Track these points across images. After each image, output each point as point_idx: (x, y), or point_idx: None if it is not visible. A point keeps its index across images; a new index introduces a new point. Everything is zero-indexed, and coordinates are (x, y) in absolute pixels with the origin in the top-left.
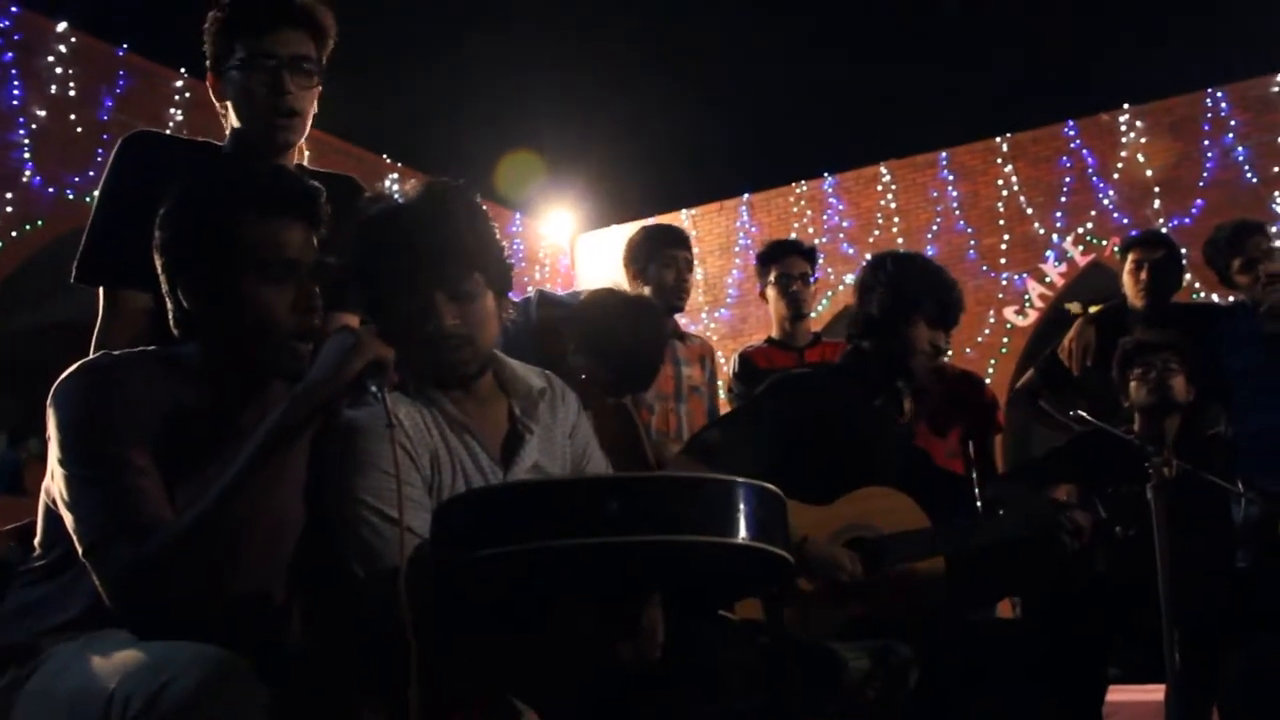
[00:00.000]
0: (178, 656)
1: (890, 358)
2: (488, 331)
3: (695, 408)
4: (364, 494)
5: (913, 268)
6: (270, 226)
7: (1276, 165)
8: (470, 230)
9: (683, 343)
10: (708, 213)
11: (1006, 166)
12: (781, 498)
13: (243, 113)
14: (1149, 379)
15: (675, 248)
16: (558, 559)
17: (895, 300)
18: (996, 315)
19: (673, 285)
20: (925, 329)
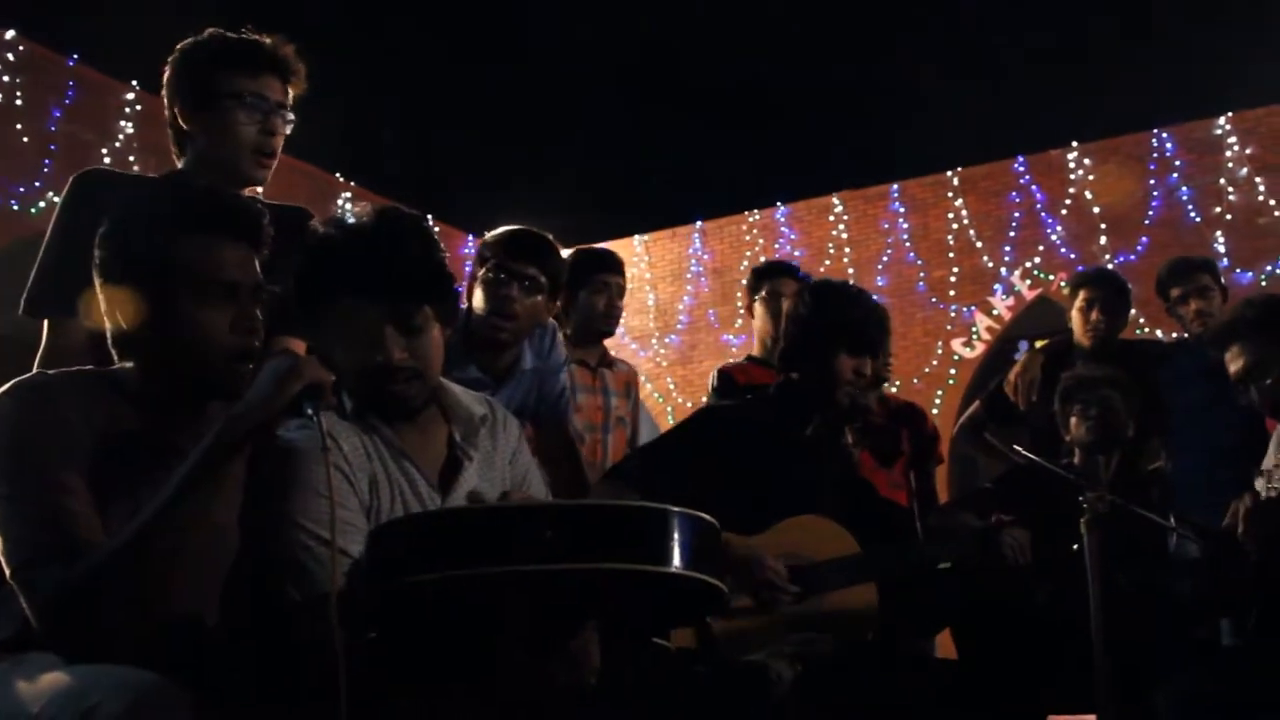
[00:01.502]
0: (105, 681)
1: (814, 388)
2: (435, 364)
3: (619, 438)
4: (299, 517)
5: (827, 298)
6: (208, 245)
7: (1218, 206)
8: (423, 263)
9: (610, 370)
10: (660, 239)
11: (957, 200)
12: (716, 527)
13: (225, 148)
14: (1089, 415)
15: (606, 273)
16: (491, 585)
17: (815, 331)
18: (944, 347)
19: (602, 311)
20: (846, 358)
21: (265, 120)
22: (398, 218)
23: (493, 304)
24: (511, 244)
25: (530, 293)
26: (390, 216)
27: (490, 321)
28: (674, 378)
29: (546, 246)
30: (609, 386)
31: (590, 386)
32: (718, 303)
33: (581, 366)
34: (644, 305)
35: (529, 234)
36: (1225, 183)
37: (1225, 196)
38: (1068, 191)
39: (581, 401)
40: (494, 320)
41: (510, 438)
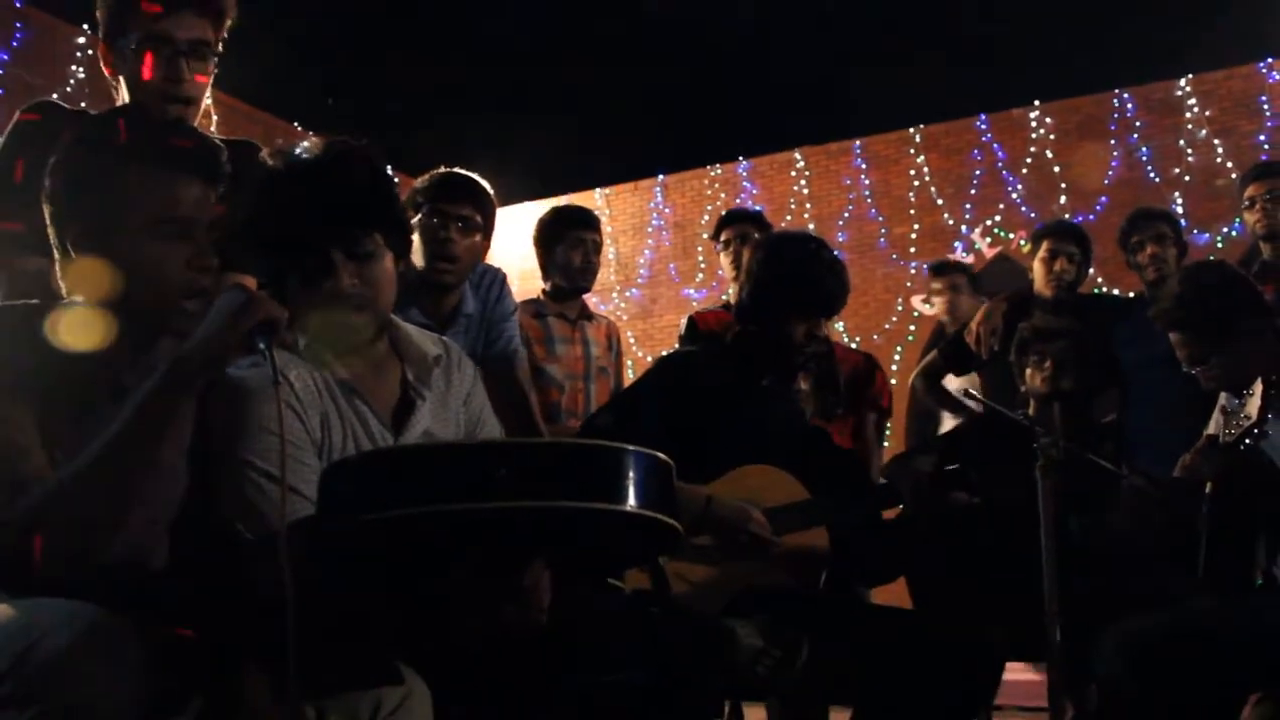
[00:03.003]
0: (50, 614)
1: (769, 348)
2: (386, 294)
3: (602, 387)
4: (250, 454)
5: (783, 254)
6: (165, 181)
7: (1177, 166)
8: (372, 188)
9: (590, 322)
10: (621, 192)
11: (919, 157)
12: (670, 466)
13: (136, 94)
14: (1044, 366)
15: (583, 229)
16: (444, 524)
17: (766, 291)
18: (904, 303)
19: (580, 266)
20: (800, 322)
21: (171, 66)
22: (345, 146)
23: (433, 247)
24: (444, 186)
25: (467, 233)
26: (337, 146)
27: (433, 266)
28: (634, 332)
29: (478, 186)
30: (589, 337)
31: (569, 338)
32: (678, 257)
33: (560, 319)
34: (604, 259)
35: (460, 175)
36: (1184, 144)
37: (1184, 158)
38: (1029, 150)
39: (561, 352)
40: (437, 264)
41: (465, 379)
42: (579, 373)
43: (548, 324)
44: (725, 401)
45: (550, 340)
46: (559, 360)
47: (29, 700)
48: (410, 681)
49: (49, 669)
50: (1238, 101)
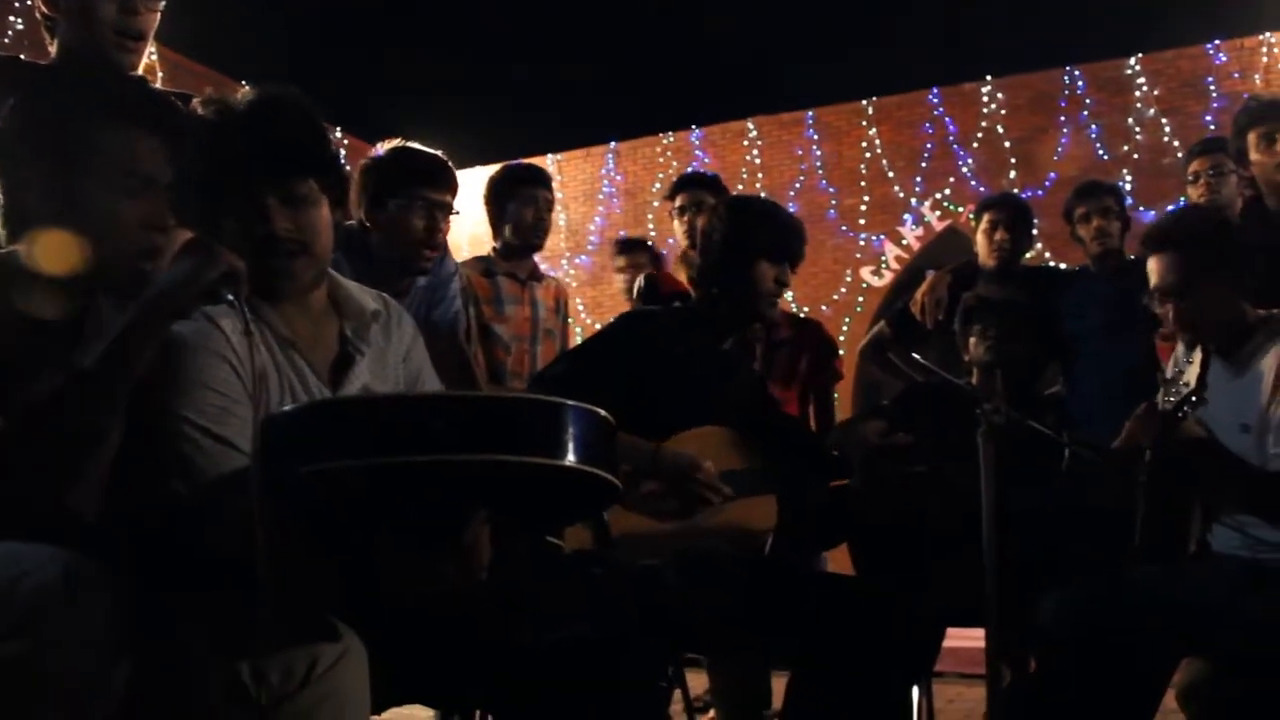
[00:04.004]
0: (32, 553)
1: (736, 300)
2: (323, 241)
3: (548, 350)
4: (186, 410)
5: (746, 208)
6: (128, 136)
7: (1125, 144)
8: (305, 132)
9: (539, 284)
10: (573, 158)
11: (871, 129)
12: (611, 423)
13: (83, 31)
14: (988, 335)
15: (535, 186)
16: (380, 477)
17: (732, 242)
18: (853, 275)
19: (531, 224)
20: (767, 266)
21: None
22: (278, 93)
23: (421, 237)
24: (431, 175)
25: (446, 219)
26: (270, 92)
27: (421, 254)
28: (583, 299)
29: (454, 172)
30: (537, 298)
31: (518, 298)
32: (629, 224)
33: (510, 279)
34: (555, 225)
35: (445, 164)
36: (1133, 123)
37: (1133, 136)
38: (980, 125)
39: (509, 313)
40: (423, 253)
41: (405, 336)
42: (525, 334)
43: (497, 283)
44: (685, 362)
45: (499, 300)
46: (506, 320)
47: (13, 632)
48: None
49: (34, 603)
50: (1185, 82)
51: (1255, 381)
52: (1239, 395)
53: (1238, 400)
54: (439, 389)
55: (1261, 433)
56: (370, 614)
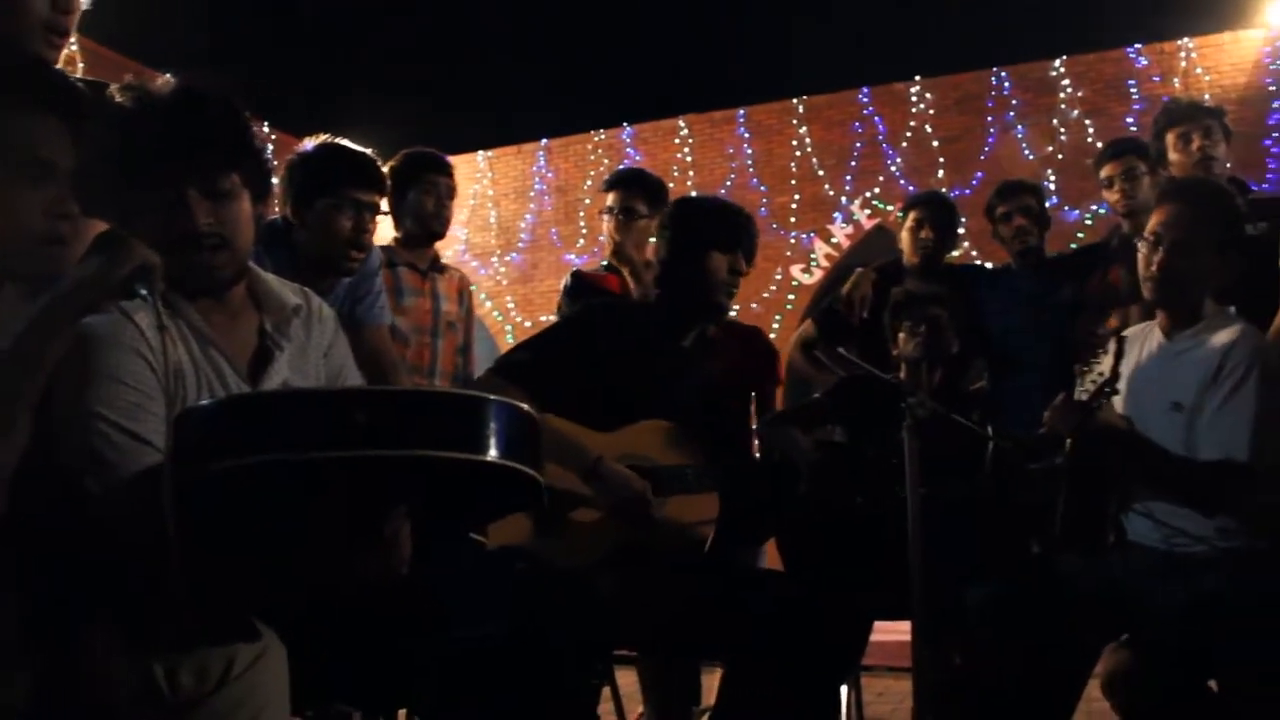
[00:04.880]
0: None
1: (693, 293)
2: (244, 236)
3: (450, 343)
4: (98, 405)
5: (695, 203)
6: (27, 122)
7: (1050, 145)
8: (227, 124)
9: (441, 275)
10: (504, 155)
11: (801, 128)
12: (534, 418)
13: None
14: (917, 331)
15: (436, 173)
16: (299, 472)
17: (684, 237)
18: (784, 272)
19: (433, 211)
20: (718, 256)
21: None
22: (200, 84)
23: (351, 237)
24: (364, 177)
25: (375, 220)
26: (193, 82)
27: (348, 254)
28: (514, 296)
29: (383, 173)
30: (439, 290)
31: (419, 289)
32: (560, 221)
33: (410, 269)
34: (486, 222)
35: (375, 164)
36: (1058, 123)
37: (1057, 137)
38: (908, 124)
39: (409, 304)
40: (350, 253)
41: (326, 331)
42: (426, 326)
43: (397, 274)
44: (645, 357)
45: (399, 291)
46: (407, 312)
47: None
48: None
49: None
50: (1108, 84)
51: (1198, 363)
52: (1177, 373)
53: (1174, 378)
54: (360, 384)
55: (1194, 411)
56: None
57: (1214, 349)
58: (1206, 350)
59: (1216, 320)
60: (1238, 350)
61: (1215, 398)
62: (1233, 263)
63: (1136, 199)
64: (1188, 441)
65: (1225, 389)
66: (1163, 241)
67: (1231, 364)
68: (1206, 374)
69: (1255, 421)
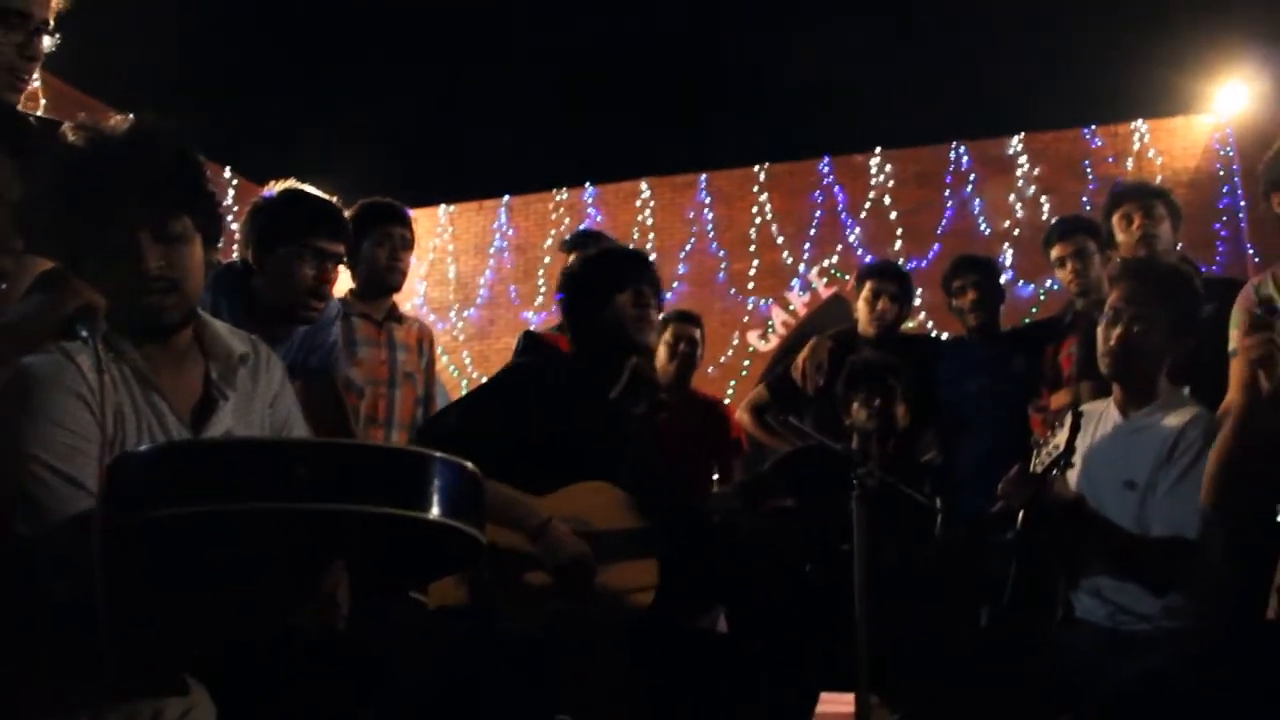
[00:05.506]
0: None
1: (607, 338)
2: (194, 280)
3: (408, 394)
4: (34, 447)
5: (583, 260)
6: None
7: (1007, 220)
8: (181, 168)
9: (399, 325)
10: (466, 210)
11: (762, 195)
12: (478, 477)
13: None
14: (872, 403)
15: (390, 223)
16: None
17: (583, 293)
18: (740, 338)
19: (385, 263)
20: (622, 296)
21: (26, 41)
22: (153, 124)
23: (312, 286)
24: (328, 226)
25: (337, 270)
26: (145, 123)
27: (308, 304)
28: (471, 352)
29: (347, 221)
30: (396, 340)
31: (374, 340)
32: (519, 279)
33: (365, 320)
34: (444, 277)
35: (340, 214)
36: (1014, 199)
37: (1014, 212)
38: (868, 195)
39: (364, 355)
40: (310, 303)
41: (273, 380)
42: (382, 378)
43: (351, 324)
44: (575, 414)
45: (352, 342)
46: (361, 364)
47: None
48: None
49: None
50: (1064, 163)
51: (1152, 442)
52: (1132, 452)
53: (1128, 456)
54: (306, 436)
55: (1148, 490)
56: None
57: (1168, 429)
58: (1161, 430)
59: (1171, 400)
60: (1191, 431)
61: (1168, 477)
62: (1188, 342)
63: (1089, 277)
64: (1140, 520)
65: (1178, 469)
66: (1121, 317)
67: (1185, 444)
68: (1160, 453)
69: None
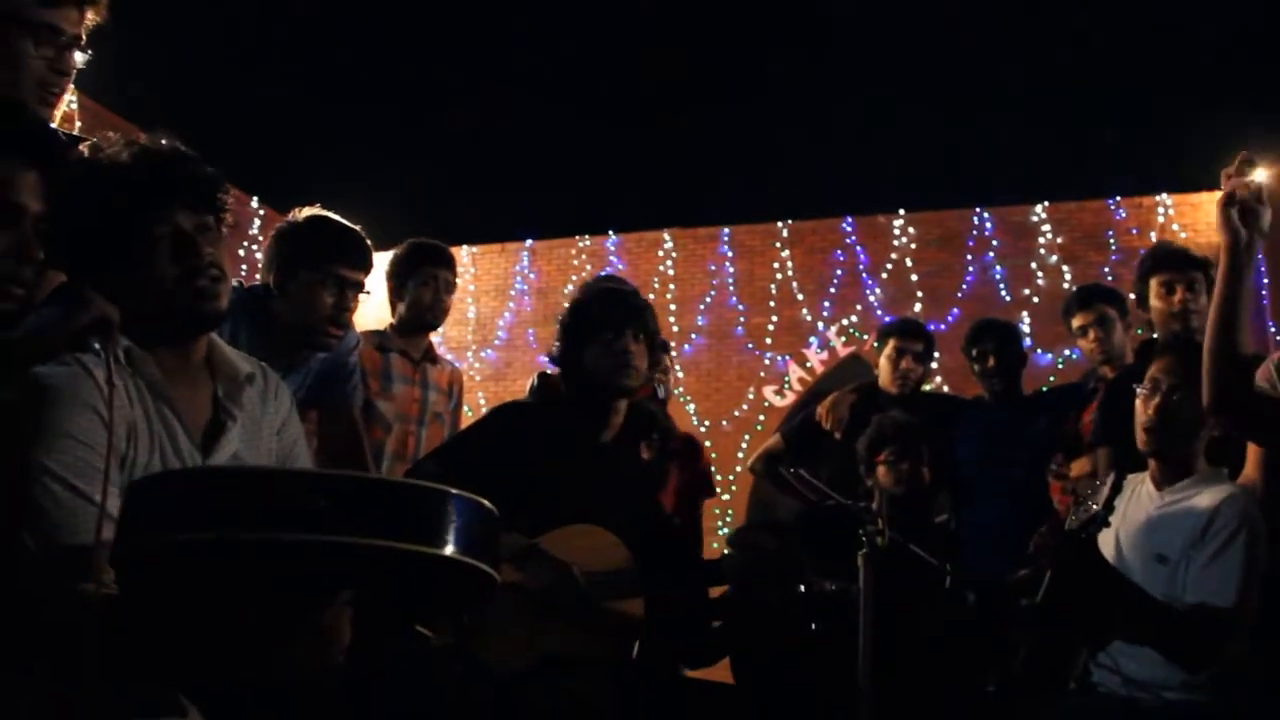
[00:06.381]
0: None
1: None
2: (230, 278)
3: (435, 434)
4: (47, 459)
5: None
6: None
7: (1027, 288)
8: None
9: (434, 366)
10: (489, 252)
11: (784, 251)
12: (494, 515)
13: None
14: (901, 468)
15: (436, 266)
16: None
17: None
18: (756, 393)
19: (429, 303)
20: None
21: (58, 56)
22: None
23: (332, 313)
24: (351, 254)
25: (357, 298)
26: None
27: (327, 330)
28: (486, 393)
29: (370, 250)
30: (430, 380)
31: (409, 378)
32: (539, 323)
33: (402, 356)
34: (463, 317)
35: (364, 243)
36: (1036, 267)
37: (1034, 280)
38: (890, 256)
39: (397, 391)
40: (331, 329)
41: (282, 407)
42: (413, 415)
43: (389, 359)
44: (558, 456)
45: (388, 376)
46: (393, 399)
47: None
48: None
49: None
50: (1087, 233)
51: (1186, 518)
52: (1165, 526)
53: (1161, 531)
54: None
55: (1178, 567)
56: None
57: (1203, 506)
58: (1195, 506)
59: (1208, 478)
60: (1226, 510)
61: (1202, 554)
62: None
63: (1112, 345)
64: (1169, 596)
65: (1212, 547)
66: (1160, 388)
67: (1220, 523)
68: (1194, 530)
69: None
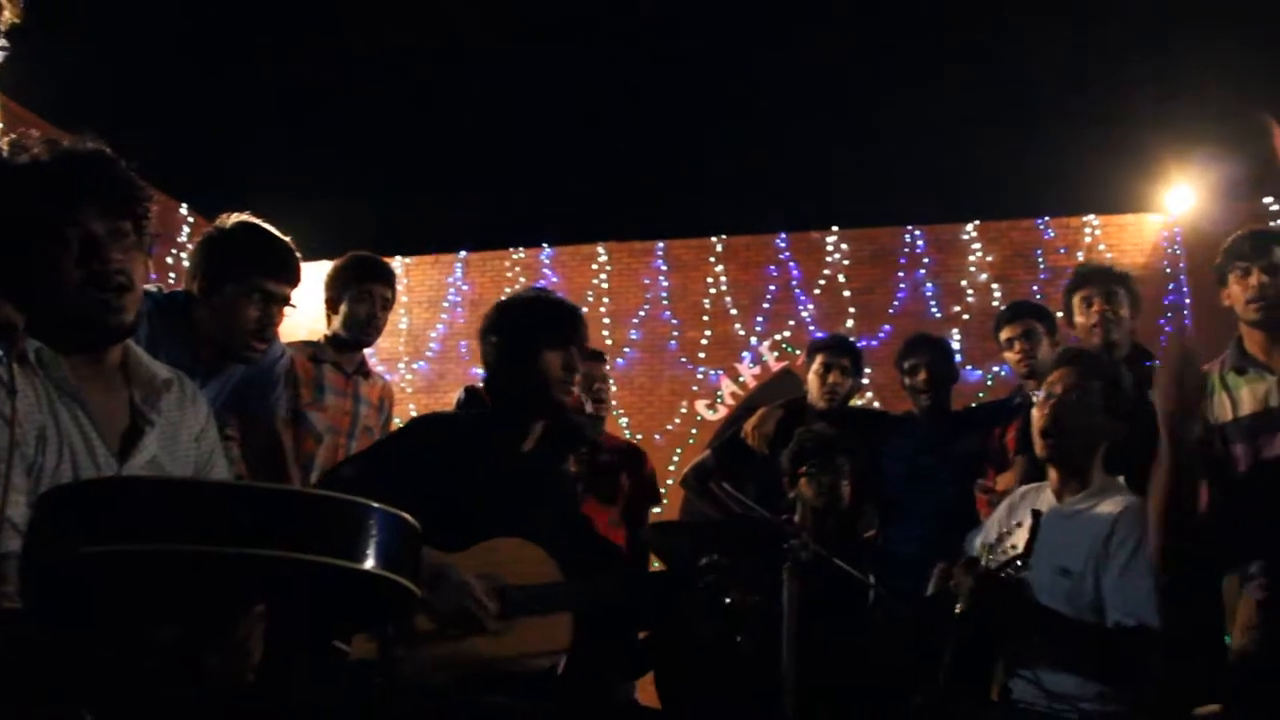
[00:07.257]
0: None
1: (528, 394)
2: (139, 289)
3: (363, 447)
4: None
5: (520, 302)
6: None
7: (958, 305)
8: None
9: (366, 380)
10: (422, 264)
11: (718, 266)
12: (416, 529)
13: None
14: (821, 481)
15: (374, 282)
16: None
17: (513, 338)
18: (689, 406)
19: (364, 319)
20: (552, 354)
21: None
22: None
23: (256, 327)
24: (279, 268)
25: (282, 312)
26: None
27: (249, 344)
28: (418, 405)
29: (299, 264)
30: (361, 394)
31: (341, 390)
32: (471, 335)
33: (335, 369)
34: (396, 328)
35: (293, 255)
36: (966, 285)
37: (965, 297)
38: (823, 272)
39: (329, 402)
40: (255, 343)
41: (199, 415)
42: (343, 428)
43: (322, 370)
44: (486, 468)
45: (320, 387)
46: (325, 410)
47: None
48: None
49: None
50: (1016, 251)
51: (1087, 529)
52: (1067, 538)
53: (1063, 543)
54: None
55: (1081, 578)
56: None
57: (1103, 517)
58: (1095, 517)
59: (1106, 488)
60: (1126, 520)
61: (1109, 568)
62: (1121, 425)
63: (1036, 359)
64: (1074, 608)
65: (1119, 559)
66: (1055, 394)
67: (1121, 534)
68: (1096, 542)
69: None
